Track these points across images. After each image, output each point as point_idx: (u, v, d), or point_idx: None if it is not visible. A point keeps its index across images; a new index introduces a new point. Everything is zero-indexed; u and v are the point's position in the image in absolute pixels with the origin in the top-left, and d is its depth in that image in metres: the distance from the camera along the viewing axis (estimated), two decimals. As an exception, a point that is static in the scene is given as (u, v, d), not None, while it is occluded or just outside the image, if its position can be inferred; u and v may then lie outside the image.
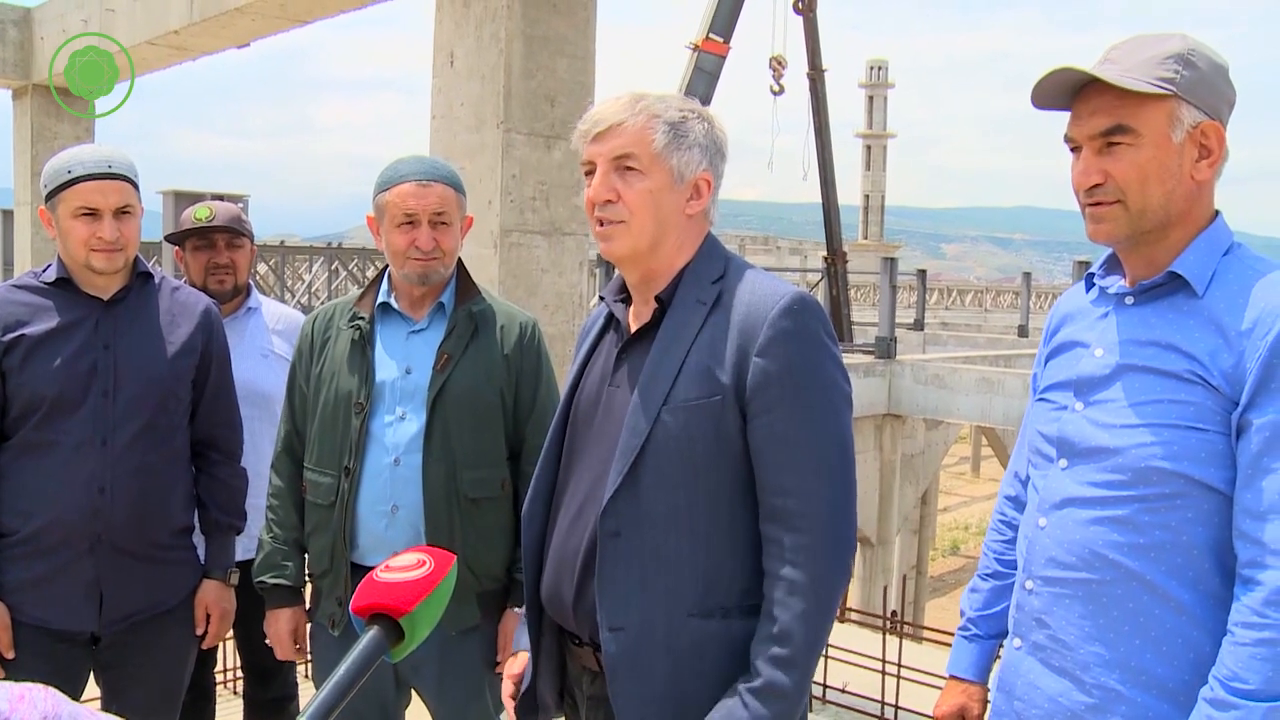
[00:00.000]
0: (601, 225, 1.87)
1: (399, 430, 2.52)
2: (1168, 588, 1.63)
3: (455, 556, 1.33)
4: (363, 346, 2.56)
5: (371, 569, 2.51)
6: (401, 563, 1.28)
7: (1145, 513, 1.63)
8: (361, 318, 2.59)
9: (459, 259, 2.64)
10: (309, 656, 2.73)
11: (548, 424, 2.61)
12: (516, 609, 2.59)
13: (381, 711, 2.60)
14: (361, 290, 2.67)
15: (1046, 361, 1.89)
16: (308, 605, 2.69)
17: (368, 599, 1.23)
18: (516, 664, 2.10)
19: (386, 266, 2.63)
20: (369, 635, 1.21)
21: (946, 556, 29.16)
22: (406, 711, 2.73)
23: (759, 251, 49.93)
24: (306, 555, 2.64)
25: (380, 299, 2.61)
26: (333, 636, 2.57)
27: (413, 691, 2.70)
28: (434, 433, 2.50)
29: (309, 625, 2.68)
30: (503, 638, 2.60)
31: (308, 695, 3.66)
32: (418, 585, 1.24)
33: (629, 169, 1.84)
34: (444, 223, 2.53)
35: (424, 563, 1.27)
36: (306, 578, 2.66)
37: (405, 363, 2.55)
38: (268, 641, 2.68)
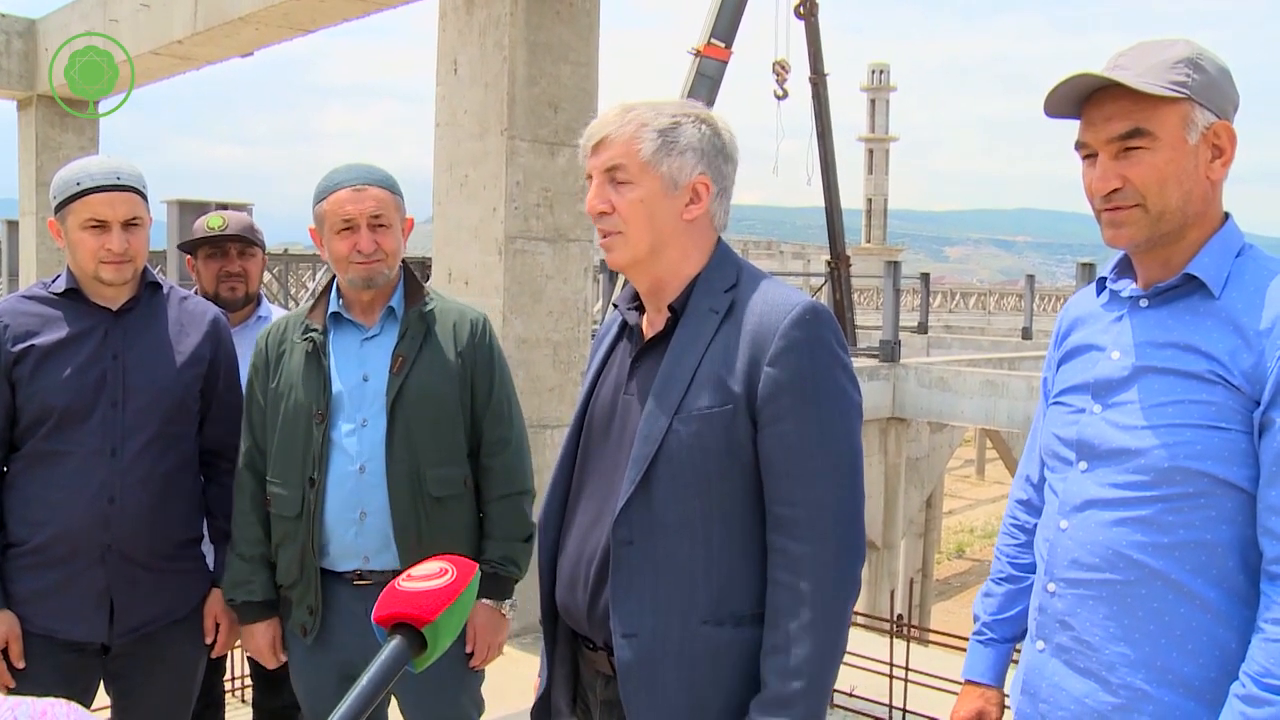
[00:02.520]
0: (604, 236, 1.89)
1: (362, 437, 2.54)
2: (1193, 586, 1.63)
3: (477, 565, 1.32)
4: (318, 357, 2.58)
5: (342, 575, 2.49)
6: (423, 571, 1.27)
7: (1169, 512, 1.64)
8: (315, 329, 2.60)
9: (404, 261, 2.66)
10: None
11: (506, 416, 2.66)
12: (486, 600, 2.61)
13: None
14: (312, 302, 2.69)
15: (1059, 366, 1.89)
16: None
17: (390, 608, 1.22)
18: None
19: (334, 277, 2.64)
20: (392, 645, 1.20)
21: (952, 560, 29.12)
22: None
23: (762, 256, 49.97)
24: (276, 567, 2.64)
25: (331, 309, 2.62)
26: (305, 645, 2.60)
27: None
28: (395, 436, 2.53)
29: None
30: (472, 630, 2.61)
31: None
32: (440, 594, 1.23)
33: (620, 180, 1.85)
34: (382, 225, 2.55)
35: (446, 571, 1.27)
36: (277, 589, 2.66)
37: (361, 369, 2.58)
38: (248, 655, 2.68)
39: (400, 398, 2.53)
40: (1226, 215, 1.74)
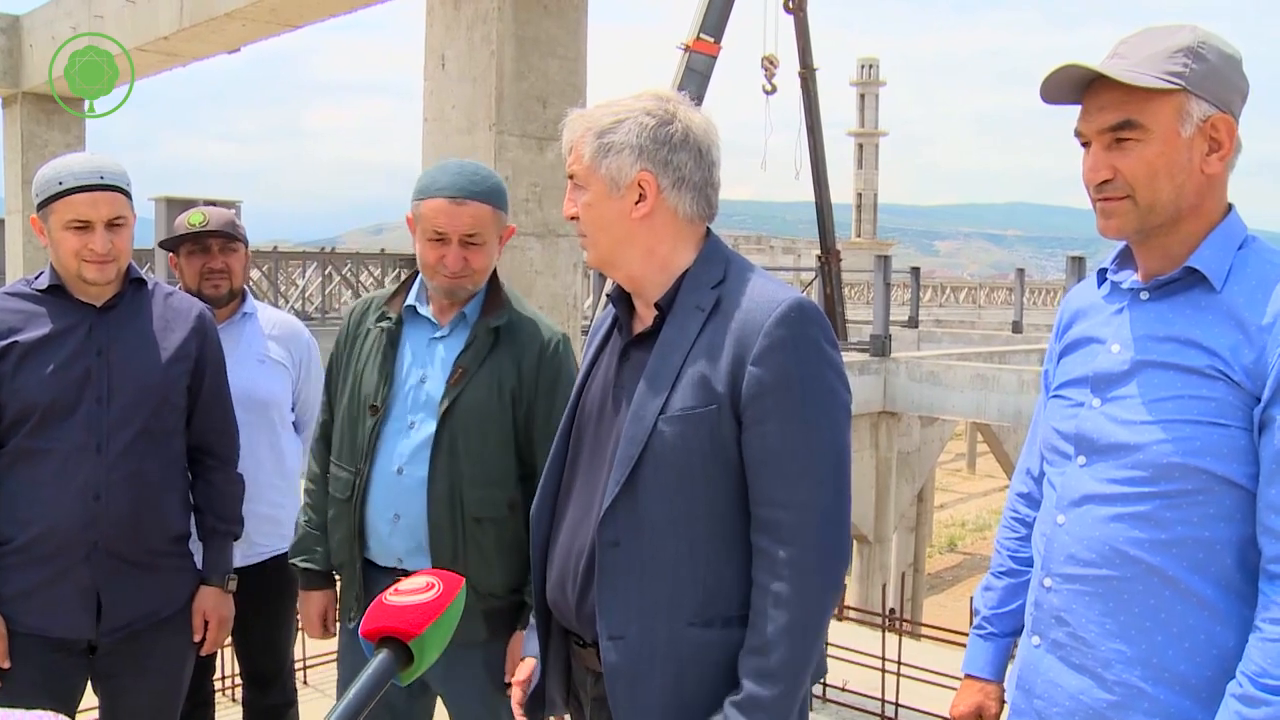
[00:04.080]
0: (580, 238, 1.93)
1: (407, 439, 2.49)
2: (1190, 584, 1.61)
3: (464, 580, 1.33)
4: (387, 348, 2.54)
5: (385, 570, 2.49)
6: (410, 586, 1.28)
7: (1167, 509, 1.62)
8: (389, 318, 2.57)
9: (495, 270, 2.58)
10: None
11: None
12: (525, 630, 2.55)
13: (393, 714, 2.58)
14: (396, 286, 2.65)
15: (1059, 358, 1.87)
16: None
17: (376, 622, 1.23)
18: (524, 669, 2.08)
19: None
20: (378, 659, 1.20)
21: (943, 554, 29.20)
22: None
23: (752, 251, 49.98)
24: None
25: (409, 301, 2.57)
26: (349, 629, 2.59)
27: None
28: (441, 447, 2.46)
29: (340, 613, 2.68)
30: (511, 659, 2.54)
31: (307, 702, 3.65)
32: (426, 608, 1.24)
33: (577, 185, 1.87)
34: (475, 243, 2.46)
35: (433, 585, 1.27)
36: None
37: (422, 370, 2.52)
38: (239, 653, 2.67)
39: (452, 410, 2.46)
40: (1230, 206, 1.71)
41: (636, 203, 1.83)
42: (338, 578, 2.68)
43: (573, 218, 1.89)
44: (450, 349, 2.52)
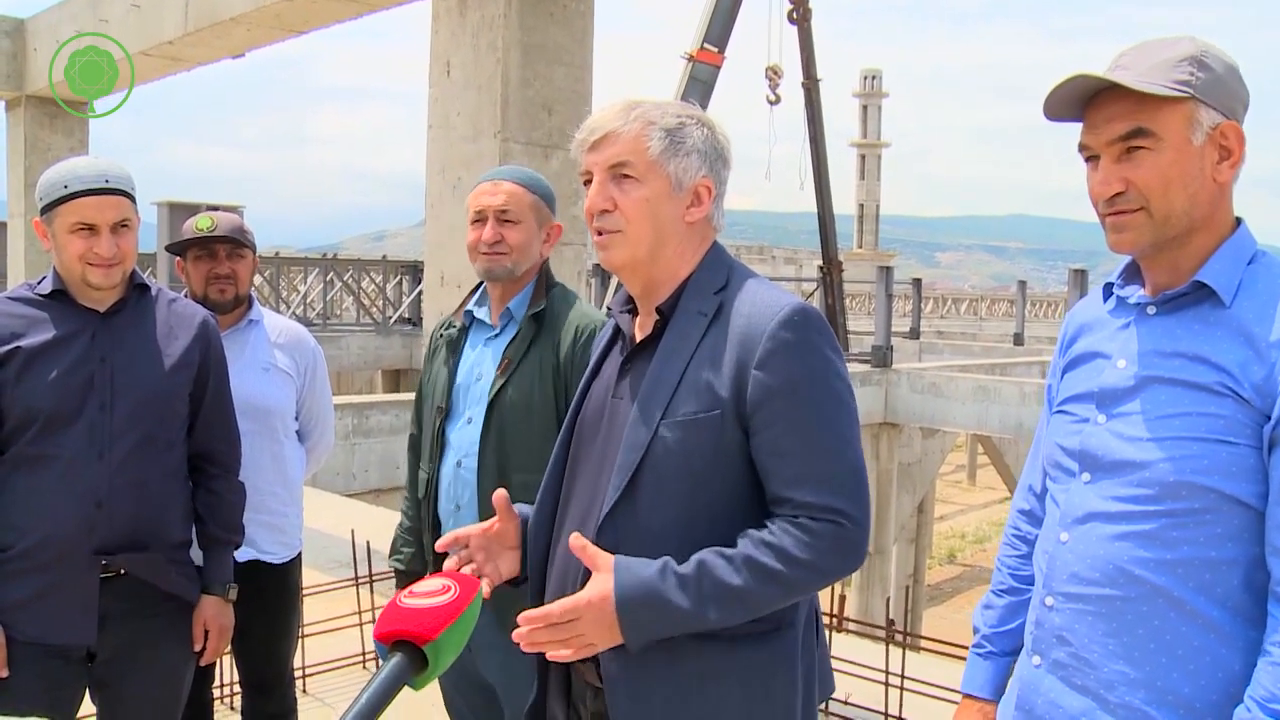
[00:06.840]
0: (600, 235, 1.85)
1: (464, 433, 2.66)
2: (1195, 605, 1.58)
3: (480, 582, 1.30)
4: (451, 353, 2.75)
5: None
6: (426, 588, 1.24)
7: (1173, 528, 1.59)
8: (454, 325, 2.78)
9: (546, 265, 2.74)
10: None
11: None
12: None
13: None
14: (464, 298, 2.83)
15: (1064, 373, 1.84)
16: None
17: (391, 625, 1.20)
18: None
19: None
20: (392, 663, 1.17)
21: (943, 565, 29.17)
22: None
23: (754, 261, 50.05)
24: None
25: (468, 307, 2.76)
26: None
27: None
28: (489, 435, 2.60)
29: None
30: None
31: (306, 710, 3.63)
32: (442, 612, 1.21)
33: (625, 177, 1.82)
34: (509, 220, 2.62)
35: (449, 588, 1.24)
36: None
37: (478, 368, 2.68)
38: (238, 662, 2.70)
39: (498, 399, 2.61)
40: (1238, 220, 1.69)
41: (689, 206, 1.85)
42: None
43: (604, 210, 1.83)
44: (501, 344, 2.68)
